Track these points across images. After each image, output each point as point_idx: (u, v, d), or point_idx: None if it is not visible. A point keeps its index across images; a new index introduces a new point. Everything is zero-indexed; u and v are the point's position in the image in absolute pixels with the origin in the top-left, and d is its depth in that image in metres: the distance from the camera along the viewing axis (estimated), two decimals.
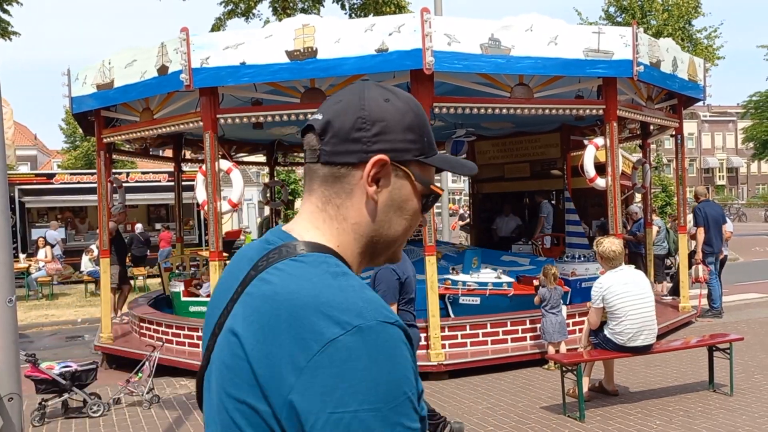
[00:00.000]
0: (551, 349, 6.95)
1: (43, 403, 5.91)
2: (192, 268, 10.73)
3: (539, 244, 11.01)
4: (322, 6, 17.34)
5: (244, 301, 0.98)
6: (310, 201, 1.07)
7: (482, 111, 7.18)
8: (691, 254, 9.99)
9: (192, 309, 8.72)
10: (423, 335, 7.05)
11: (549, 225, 12.62)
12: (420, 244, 9.12)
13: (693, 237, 10.31)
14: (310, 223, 1.06)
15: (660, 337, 7.21)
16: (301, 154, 15.06)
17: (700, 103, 10.44)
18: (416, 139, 1.06)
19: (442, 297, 7.50)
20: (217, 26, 16.90)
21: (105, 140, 8.42)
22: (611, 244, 5.74)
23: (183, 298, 8.96)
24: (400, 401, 0.88)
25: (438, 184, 1.10)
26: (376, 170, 1.02)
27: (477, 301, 7.59)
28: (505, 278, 7.84)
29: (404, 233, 1.09)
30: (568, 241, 10.56)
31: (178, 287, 9.08)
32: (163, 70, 6.99)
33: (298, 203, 26.37)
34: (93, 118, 8.66)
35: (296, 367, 0.87)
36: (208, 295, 8.76)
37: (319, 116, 1.06)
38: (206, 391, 1.06)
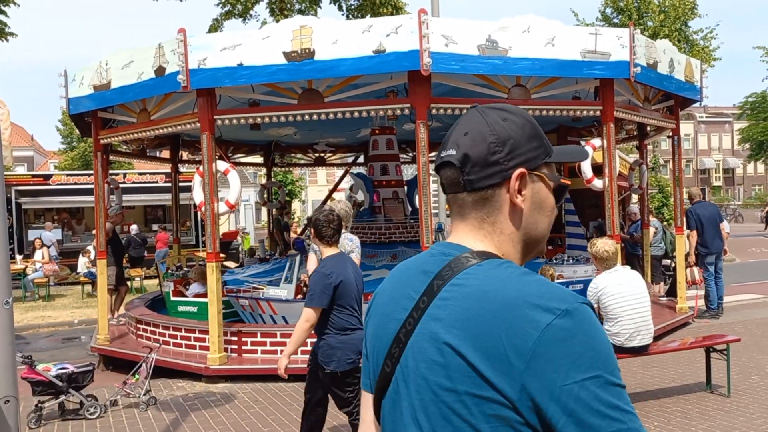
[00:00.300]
0: None
1: (39, 405, 5.89)
2: (186, 269, 10.75)
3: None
4: (319, 7, 17.33)
5: (444, 305, 1.11)
6: (465, 224, 1.22)
7: None
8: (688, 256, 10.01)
9: (180, 309, 8.78)
10: None
11: None
12: (413, 245, 9.17)
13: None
14: (474, 239, 1.20)
15: (657, 338, 7.23)
16: (299, 154, 15.14)
17: (697, 105, 10.46)
18: (539, 145, 1.20)
19: None
20: (215, 27, 16.87)
21: (102, 141, 8.40)
22: (604, 244, 5.75)
23: (172, 298, 9.03)
24: (613, 365, 1.03)
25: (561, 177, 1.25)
26: (519, 183, 1.17)
27: None
28: None
29: (548, 228, 1.24)
30: (568, 242, 10.54)
31: (169, 287, 9.18)
32: (160, 71, 6.98)
33: (294, 204, 26.36)
34: (90, 119, 8.64)
35: (521, 354, 1.01)
36: (195, 295, 8.85)
37: (452, 151, 1.19)
38: (394, 395, 1.18)
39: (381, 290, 1.29)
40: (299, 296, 7.95)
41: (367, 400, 1.31)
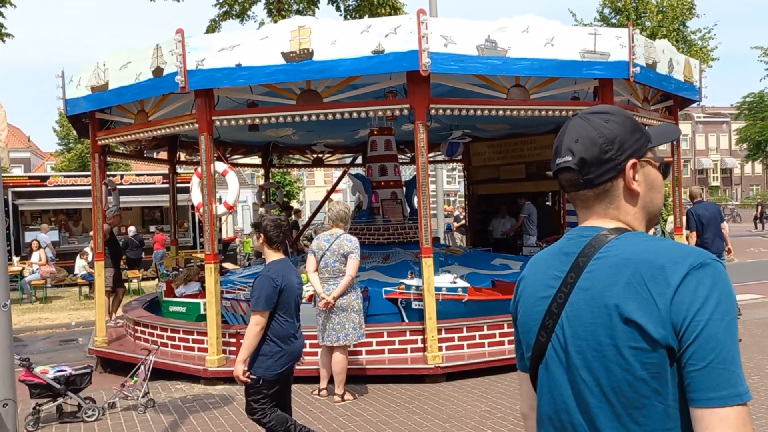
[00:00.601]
0: None
1: (37, 407, 5.85)
2: (182, 270, 10.78)
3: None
4: (317, 7, 17.29)
5: (591, 277, 1.33)
6: (591, 213, 1.44)
7: (479, 112, 7.17)
8: None
9: (171, 309, 8.84)
10: (419, 337, 7.05)
11: (533, 225, 12.61)
12: (409, 246, 9.14)
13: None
14: (604, 223, 1.41)
15: None
16: (297, 155, 15.11)
17: (695, 105, 10.45)
18: (641, 135, 1.42)
19: (394, 301, 7.41)
20: (212, 28, 16.84)
21: (99, 142, 8.36)
22: None
23: (164, 298, 9.13)
24: (735, 310, 1.26)
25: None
26: (632, 171, 1.38)
27: None
28: (461, 283, 7.63)
29: (661, 202, 1.48)
30: None
31: (163, 287, 9.33)
32: (158, 71, 6.95)
33: (294, 204, 26.33)
34: (87, 120, 8.60)
35: (666, 300, 1.23)
36: (182, 296, 8.96)
37: (568, 158, 1.41)
38: (549, 361, 1.39)
39: (525, 276, 1.51)
40: None
41: (523, 377, 1.54)
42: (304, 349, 4.62)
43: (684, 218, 9.69)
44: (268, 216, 4.55)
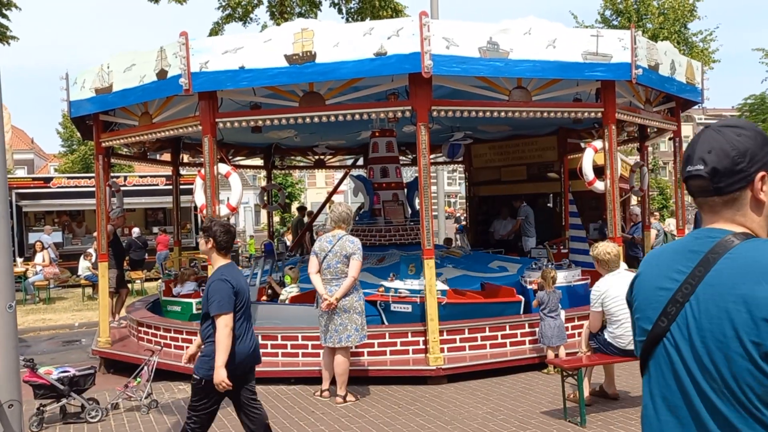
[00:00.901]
0: (550, 354, 6.94)
1: (41, 408, 5.88)
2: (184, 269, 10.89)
3: (557, 248, 10.87)
4: (319, 10, 17.33)
5: (718, 274, 1.46)
6: (720, 217, 1.55)
7: (481, 114, 7.19)
8: None
9: (168, 308, 9.01)
10: (421, 339, 7.06)
11: (531, 226, 12.63)
12: (410, 248, 9.15)
13: None
14: (730, 228, 1.53)
15: None
16: (298, 157, 15.17)
17: (697, 107, 10.47)
18: None
19: (374, 303, 7.39)
20: (215, 31, 16.89)
21: (103, 144, 8.39)
22: (605, 247, 5.74)
23: (163, 297, 9.29)
24: None
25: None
26: (761, 184, 1.50)
27: (408, 308, 7.39)
28: (440, 286, 7.63)
29: None
30: (571, 245, 10.49)
31: (162, 287, 9.64)
32: (162, 74, 6.98)
33: (293, 207, 26.37)
34: (91, 122, 8.64)
35: None
36: (178, 295, 9.20)
37: (700, 166, 1.52)
38: (668, 343, 1.53)
39: (646, 268, 1.66)
40: (263, 298, 8.22)
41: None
42: (306, 350, 4.64)
43: (689, 218, 9.70)
44: (218, 221, 4.59)
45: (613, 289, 5.50)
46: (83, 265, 15.36)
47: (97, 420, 5.94)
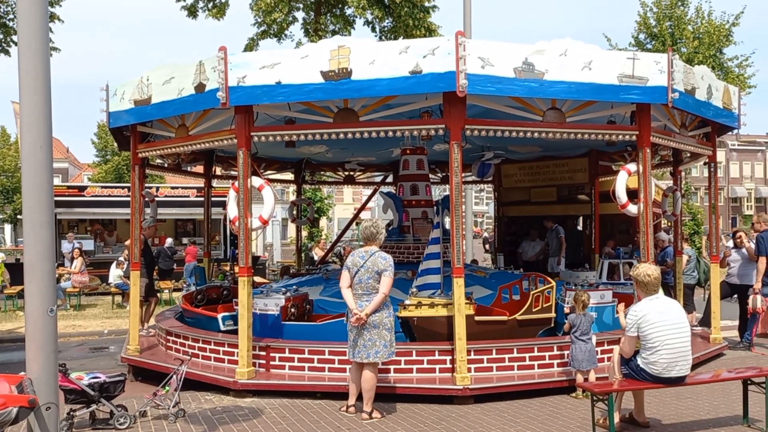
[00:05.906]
0: (580, 377, 6.84)
1: (71, 413, 5.95)
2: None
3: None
4: (353, 28, 17.56)
5: None
6: None
7: (514, 134, 7.18)
8: (735, 286, 9.88)
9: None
10: (448, 358, 7.00)
11: (561, 247, 12.58)
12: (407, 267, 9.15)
13: (723, 265, 10.10)
14: None
15: (691, 368, 7.06)
16: (328, 172, 15.32)
17: (733, 132, 10.31)
18: None
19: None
20: (250, 47, 17.20)
21: (140, 155, 8.55)
22: (647, 268, 5.61)
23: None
24: None
25: None
26: None
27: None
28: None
29: None
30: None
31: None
32: (200, 87, 7.11)
33: (322, 222, 26.55)
34: (128, 132, 8.82)
35: None
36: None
37: None
38: None
39: None
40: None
41: None
42: (333, 365, 4.60)
43: (754, 244, 9.52)
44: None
45: (651, 314, 5.40)
46: (114, 273, 15.59)
47: (126, 427, 6.00)
